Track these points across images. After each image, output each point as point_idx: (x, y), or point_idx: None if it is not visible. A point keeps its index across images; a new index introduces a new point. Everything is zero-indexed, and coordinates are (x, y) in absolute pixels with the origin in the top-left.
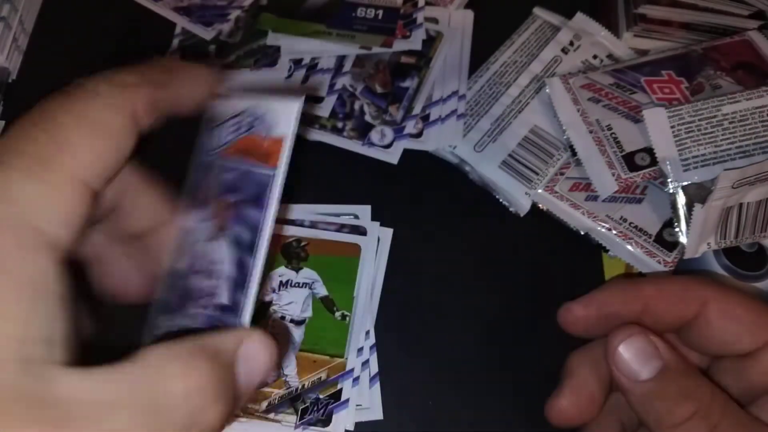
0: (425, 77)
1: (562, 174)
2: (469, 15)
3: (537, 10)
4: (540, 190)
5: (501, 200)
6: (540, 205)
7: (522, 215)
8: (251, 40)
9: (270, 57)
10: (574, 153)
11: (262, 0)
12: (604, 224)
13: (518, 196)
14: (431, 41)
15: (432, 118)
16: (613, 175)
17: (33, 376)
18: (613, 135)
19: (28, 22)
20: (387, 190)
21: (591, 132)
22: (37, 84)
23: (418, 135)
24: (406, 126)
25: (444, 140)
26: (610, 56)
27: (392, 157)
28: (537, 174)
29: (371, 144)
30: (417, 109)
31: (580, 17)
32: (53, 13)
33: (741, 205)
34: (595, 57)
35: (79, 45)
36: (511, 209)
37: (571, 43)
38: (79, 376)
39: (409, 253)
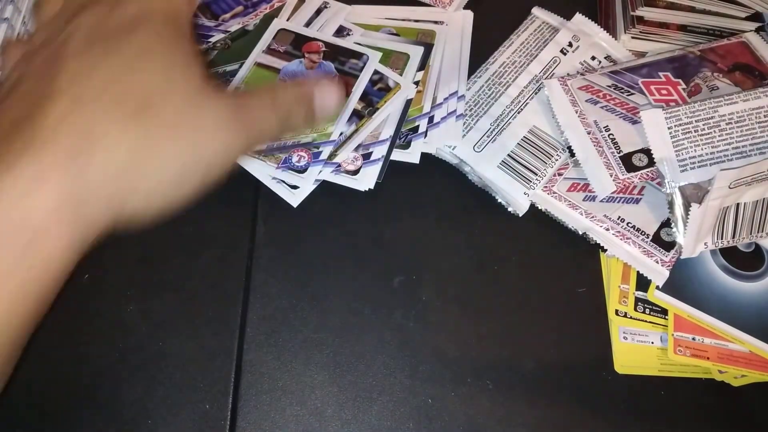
0: (364, 126)
1: (560, 174)
2: (469, 16)
3: (536, 11)
4: (538, 191)
5: (500, 200)
6: (538, 205)
7: (521, 215)
8: (221, 63)
9: (229, 84)
10: (572, 154)
11: (249, 26)
12: (601, 224)
13: (517, 196)
14: (387, 90)
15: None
16: (611, 175)
17: None
18: (611, 136)
19: (31, 23)
20: (387, 190)
21: (589, 133)
22: None
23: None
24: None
25: (443, 140)
26: (608, 58)
27: (413, 157)
28: (536, 174)
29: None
30: (341, 155)
31: (578, 18)
32: None
33: (738, 205)
34: (593, 58)
35: None
36: (509, 209)
37: (570, 44)
38: None
39: (408, 252)
